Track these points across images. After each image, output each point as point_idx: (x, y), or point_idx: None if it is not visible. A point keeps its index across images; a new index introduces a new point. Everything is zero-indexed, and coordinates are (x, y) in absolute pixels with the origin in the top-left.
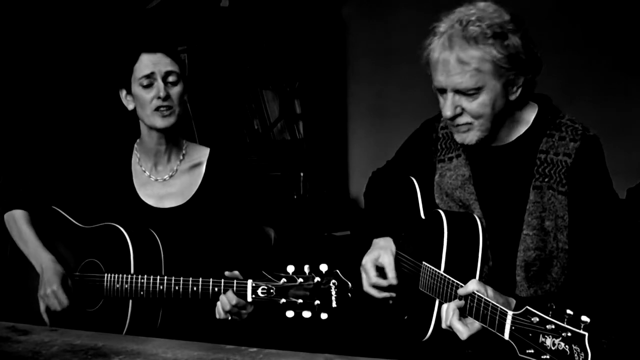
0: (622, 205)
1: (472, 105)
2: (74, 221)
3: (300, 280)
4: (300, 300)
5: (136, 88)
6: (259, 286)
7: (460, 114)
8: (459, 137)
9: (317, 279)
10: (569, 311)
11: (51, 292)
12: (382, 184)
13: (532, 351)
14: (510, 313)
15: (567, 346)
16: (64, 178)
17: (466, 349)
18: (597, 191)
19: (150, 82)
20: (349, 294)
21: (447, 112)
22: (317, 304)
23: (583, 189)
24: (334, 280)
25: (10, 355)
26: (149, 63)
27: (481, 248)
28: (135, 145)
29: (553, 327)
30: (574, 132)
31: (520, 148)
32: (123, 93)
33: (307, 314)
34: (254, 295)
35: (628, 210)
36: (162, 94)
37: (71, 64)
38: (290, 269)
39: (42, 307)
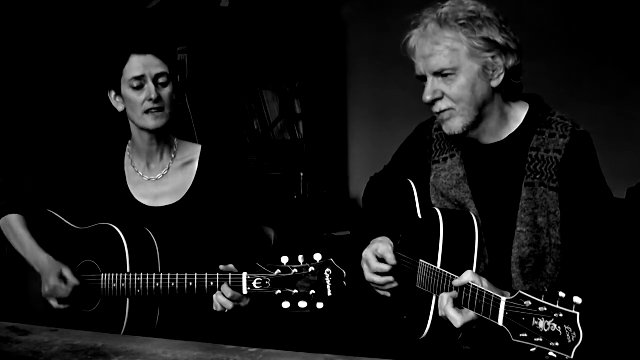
0: (617, 201)
1: (452, 88)
2: (69, 223)
3: (295, 270)
4: (295, 291)
5: (126, 90)
6: (254, 278)
7: (440, 98)
8: (445, 128)
9: (312, 268)
10: (561, 293)
11: (50, 290)
12: (379, 188)
13: (526, 335)
14: (503, 299)
15: (559, 327)
16: (58, 182)
17: (463, 346)
18: (587, 186)
19: (141, 84)
20: (344, 283)
21: (427, 96)
22: (313, 294)
23: (573, 184)
24: (328, 269)
25: (10, 355)
26: (139, 65)
27: (477, 245)
28: (127, 147)
29: (545, 309)
30: (564, 128)
31: (512, 146)
32: (112, 95)
33: (303, 304)
34: (249, 288)
35: (628, 210)
36: (153, 96)
37: (61, 68)
38: (285, 259)
39: (55, 304)
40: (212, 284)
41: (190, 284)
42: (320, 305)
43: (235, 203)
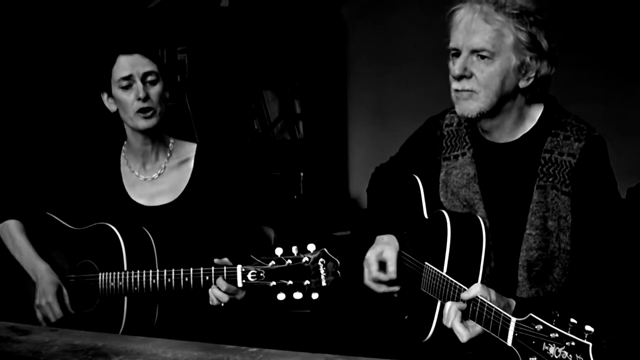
0: (624, 205)
1: (483, 72)
2: (66, 224)
3: (289, 261)
4: (290, 282)
5: (116, 90)
6: (249, 271)
7: (468, 77)
8: (459, 108)
9: (306, 258)
10: (572, 320)
11: (46, 304)
12: (385, 181)
13: (535, 359)
14: (513, 320)
15: (570, 355)
16: (55, 184)
17: (466, 351)
18: (600, 193)
19: (129, 84)
20: (338, 272)
21: (456, 70)
22: (307, 284)
23: (586, 190)
24: (322, 259)
25: (10, 355)
26: (127, 64)
27: (484, 250)
28: (123, 147)
29: (557, 335)
30: (579, 132)
31: (525, 146)
32: (104, 96)
33: (298, 295)
34: (244, 280)
35: (628, 210)
36: (141, 94)
37: (55, 70)
38: (279, 251)
39: (40, 317)
40: (207, 278)
41: (186, 279)
42: (315, 296)
43: (232, 200)
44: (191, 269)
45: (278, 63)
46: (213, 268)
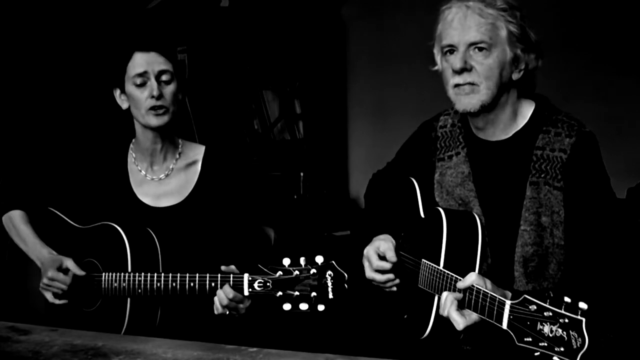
0: (619, 202)
1: (483, 64)
2: (71, 222)
3: (297, 272)
4: (296, 293)
5: (130, 87)
6: (256, 280)
7: (469, 70)
8: (461, 104)
9: (313, 270)
10: (566, 298)
11: (48, 280)
12: (382, 186)
13: (530, 339)
14: (508, 302)
15: (564, 332)
16: (60, 179)
17: (464, 346)
18: (592, 187)
19: (144, 81)
20: (345, 285)
21: (457, 63)
22: (314, 296)
23: (578, 184)
24: (330, 272)
25: (10, 355)
26: (142, 62)
27: (480, 245)
28: (131, 145)
29: (550, 314)
30: (570, 128)
31: (518, 144)
32: (117, 92)
33: (304, 307)
34: (250, 289)
35: (628, 210)
36: (155, 93)
37: (66, 65)
38: (286, 261)
39: (50, 297)
40: (213, 284)
41: (192, 284)
42: (321, 308)
43: (238, 204)
44: (197, 275)
45: (278, 63)
46: (219, 275)
